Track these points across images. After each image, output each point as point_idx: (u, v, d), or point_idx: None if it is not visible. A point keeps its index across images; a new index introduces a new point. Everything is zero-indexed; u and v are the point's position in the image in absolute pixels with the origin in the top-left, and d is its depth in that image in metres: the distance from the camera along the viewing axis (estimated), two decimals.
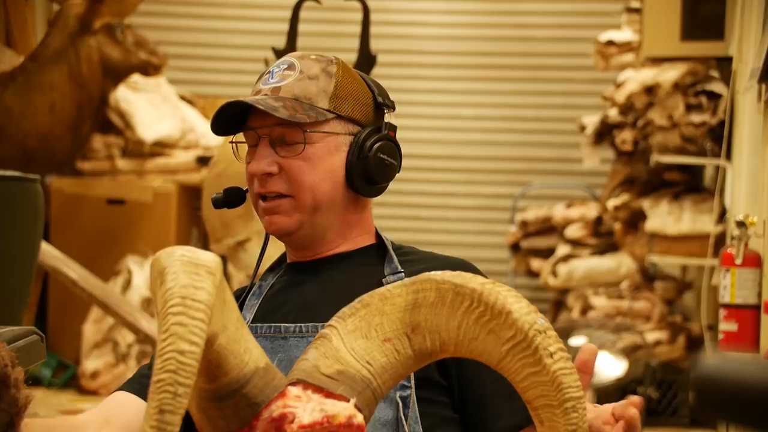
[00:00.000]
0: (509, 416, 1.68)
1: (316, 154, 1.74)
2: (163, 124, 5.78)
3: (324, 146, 1.75)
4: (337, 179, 1.76)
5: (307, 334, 1.71)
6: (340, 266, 1.80)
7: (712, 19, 4.88)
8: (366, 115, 1.79)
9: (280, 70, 1.77)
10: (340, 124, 1.76)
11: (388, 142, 1.79)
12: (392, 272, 1.77)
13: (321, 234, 1.78)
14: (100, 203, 5.73)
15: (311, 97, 1.74)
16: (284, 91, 1.74)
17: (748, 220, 3.70)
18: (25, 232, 3.33)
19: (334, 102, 1.75)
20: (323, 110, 1.74)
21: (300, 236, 1.77)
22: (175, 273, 1.18)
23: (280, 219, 1.75)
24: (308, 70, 1.76)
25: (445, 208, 6.89)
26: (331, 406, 1.25)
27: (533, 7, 6.92)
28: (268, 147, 1.74)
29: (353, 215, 1.81)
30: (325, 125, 1.74)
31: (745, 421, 0.89)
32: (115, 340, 5.39)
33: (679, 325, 5.31)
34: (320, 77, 1.76)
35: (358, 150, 1.76)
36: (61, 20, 5.19)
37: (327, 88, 1.75)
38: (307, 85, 1.75)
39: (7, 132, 5.13)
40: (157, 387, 1.10)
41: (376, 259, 1.80)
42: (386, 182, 1.81)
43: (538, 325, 1.27)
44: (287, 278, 1.82)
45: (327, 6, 5.17)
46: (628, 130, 5.31)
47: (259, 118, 1.74)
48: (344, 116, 1.76)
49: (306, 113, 1.72)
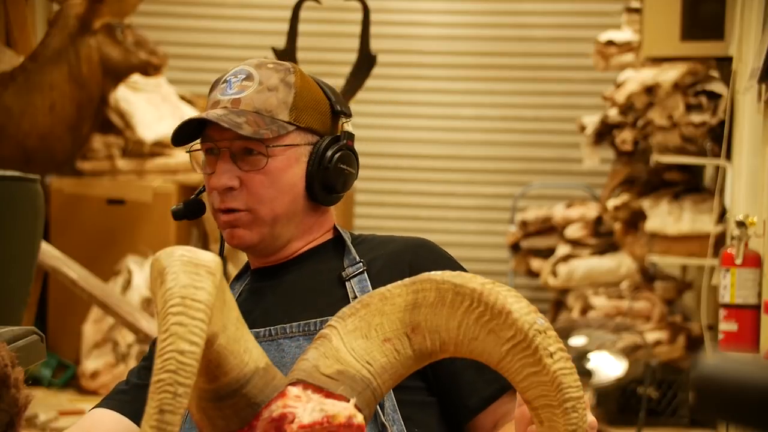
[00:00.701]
0: (482, 388, 1.69)
1: (278, 167, 1.74)
2: (163, 124, 5.78)
3: (285, 159, 1.75)
4: (297, 191, 1.77)
5: (276, 337, 1.72)
6: (301, 266, 1.81)
7: (712, 19, 4.88)
8: (324, 124, 1.79)
9: (238, 80, 1.76)
10: (300, 135, 1.76)
11: (346, 151, 1.80)
12: (351, 264, 1.78)
13: (283, 242, 1.80)
14: (100, 203, 5.73)
15: (272, 110, 1.74)
16: (244, 103, 1.73)
17: (748, 220, 3.70)
18: (25, 232, 3.33)
19: (294, 113, 1.75)
20: (284, 123, 1.74)
21: (262, 248, 1.79)
22: (175, 273, 1.18)
23: (241, 233, 1.76)
24: (267, 81, 1.75)
25: (445, 208, 6.89)
26: (331, 406, 1.25)
27: (533, 7, 6.92)
28: (229, 161, 1.74)
29: (315, 220, 1.82)
30: (286, 138, 1.74)
31: (745, 421, 0.89)
32: (115, 340, 5.39)
33: (679, 325, 5.31)
34: (279, 88, 1.75)
35: (318, 161, 1.76)
36: (61, 20, 5.19)
37: (286, 100, 1.75)
38: (267, 97, 1.74)
39: (7, 132, 5.13)
40: (157, 387, 1.10)
41: (335, 253, 1.82)
42: (345, 191, 1.82)
43: (538, 325, 1.28)
44: (252, 286, 1.83)
45: (327, 6, 5.17)
46: (628, 130, 5.31)
47: (219, 131, 1.73)
48: (304, 127, 1.76)
49: (268, 128, 1.72)
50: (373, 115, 6.75)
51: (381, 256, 1.79)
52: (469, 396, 1.70)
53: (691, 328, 5.29)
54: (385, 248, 1.81)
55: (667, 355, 5.22)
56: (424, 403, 1.71)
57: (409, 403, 1.68)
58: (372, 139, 6.80)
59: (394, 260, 1.77)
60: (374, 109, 6.74)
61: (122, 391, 1.78)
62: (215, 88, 1.78)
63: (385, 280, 1.75)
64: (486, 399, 1.69)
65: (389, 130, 6.90)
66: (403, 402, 1.67)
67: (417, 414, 1.69)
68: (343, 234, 1.84)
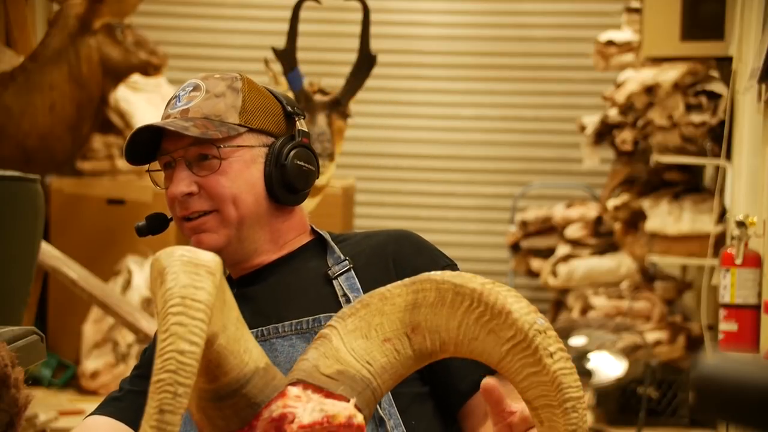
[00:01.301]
0: (473, 372, 1.69)
1: (233, 167, 1.75)
2: None
3: (239, 159, 1.76)
4: (257, 191, 1.77)
5: (269, 337, 1.73)
6: (283, 269, 1.81)
7: (712, 19, 4.88)
8: (278, 126, 1.81)
9: (186, 93, 1.79)
10: (253, 137, 1.78)
11: (302, 148, 1.81)
12: (336, 262, 1.79)
13: (251, 247, 1.80)
14: (100, 203, 5.73)
15: (220, 114, 1.76)
16: (193, 111, 1.76)
17: (748, 220, 3.70)
18: (25, 232, 3.33)
19: (244, 116, 1.76)
20: (234, 125, 1.75)
21: (230, 252, 1.78)
22: (175, 273, 1.18)
23: (207, 237, 1.77)
24: (214, 89, 1.78)
25: (445, 208, 6.89)
26: (331, 406, 1.25)
27: (533, 7, 6.92)
28: (185, 169, 1.75)
29: (282, 223, 1.82)
30: (238, 139, 1.76)
31: (745, 421, 0.89)
32: (115, 340, 5.39)
33: (679, 325, 5.31)
34: (227, 94, 1.77)
35: (274, 160, 1.77)
36: (61, 20, 5.19)
37: (235, 104, 1.77)
38: (215, 102, 1.76)
39: (7, 132, 5.13)
40: (157, 387, 1.10)
41: (317, 253, 1.82)
42: (307, 188, 1.82)
43: (538, 325, 1.28)
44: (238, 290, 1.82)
45: (327, 6, 5.17)
46: (628, 130, 5.31)
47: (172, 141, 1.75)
48: (256, 129, 1.78)
49: (217, 129, 1.74)
50: (373, 115, 6.75)
51: (364, 251, 1.80)
52: (460, 381, 1.72)
53: (691, 328, 5.29)
54: (367, 242, 1.82)
55: (667, 355, 5.21)
56: (419, 394, 1.72)
57: (405, 395, 1.69)
58: (372, 139, 6.80)
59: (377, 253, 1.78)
60: (374, 109, 6.74)
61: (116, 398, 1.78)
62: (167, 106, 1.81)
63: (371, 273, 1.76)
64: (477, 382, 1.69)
65: (389, 130, 6.90)
66: (399, 394, 1.68)
67: (412, 406, 1.70)
68: (323, 234, 1.84)
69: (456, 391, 1.72)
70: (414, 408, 1.70)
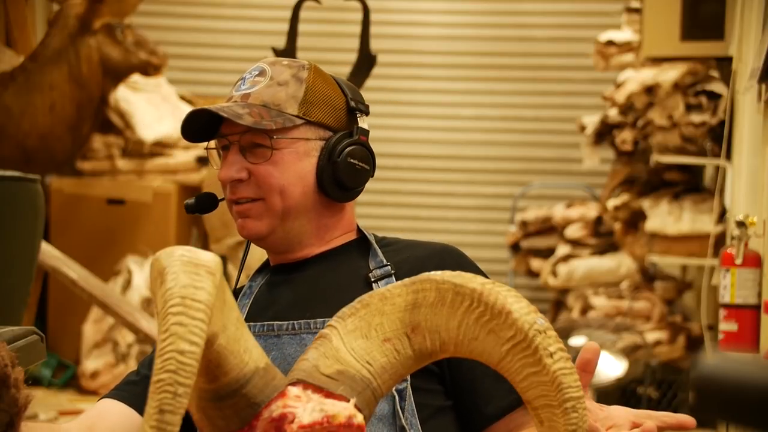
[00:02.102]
0: (500, 397, 1.69)
1: (284, 159, 1.75)
2: (163, 124, 5.78)
3: (292, 152, 1.76)
4: (307, 184, 1.77)
5: (300, 331, 1.72)
6: (323, 265, 1.81)
7: (712, 19, 4.88)
8: (338, 120, 1.80)
9: (251, 76, 1.79)
10: (310, 130, 1.77)
11: (359, 146, 1.80)
12: (378, 266, 1.78)
13: (296, 239, 1.80)
14: (100, 203, 5.73)
15: (279, 103, 1.75)
16: (253, 97, 1.76)
17: (748, 220, 3.70)
18: (25, 232, 3.33)
19: (303, 108, 1.76)
20: (292, 116, 1.75)
21: (273, 241, 1.79)
22: (175, 273, 1.18)
23: (251, 223, 1.77)
24: (278, 76, 1.78)
25: (445, 208, 6.89)
26: (331, 406, 1.25)
27: (533, 7, 6.92)
28: (238, 153, 1.76)
29: (330, 219, 1.82)
30: (294, 131, 1.76)
31: (745, 421, 0.89)
32: (115, 340, 5.39)
33: (679, 325, 5.31)
34: (290, 83, 1.77)
35: (327, 155, 1.77)
36: (61, 20, 5.19)
37: (296, 94, 1.76)
38: (276, 91, 1.76)
39: (7, 132, 5.13)
40: (157, 387, 1.10)
41: (359, 254, 1.82)
42: (358, 187, 1.82)
43: (538, 325, 1.28)
44: (274, 279, 1.83)
45: (327, 6, 5.17)
46: (628, 130, 5.31)
47: (229, 126, 1.76)
48: (314, 122, 1.77)
49: (273, 120, 1.73)
50: (373, 115, 6.67)
51: (408, 260, 1.79)
52: (486, 403, 1.71)
53: (691, 328, 5.29)
54: (411, 252, 1.80)
55: (667, 355, 5.21)
56: (441, 408, 1.71)
57: (427, 406, 1.69)
58: (372, 139, 6.77)
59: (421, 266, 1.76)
60: (374, 109, 6.65)
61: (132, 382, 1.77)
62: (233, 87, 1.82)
63: None
64: (503, 408, 1.70)
65: (389, 130, 6.90)
66: (422, 405, 1.68)
67: (434, 418, 1.70)
68: (368, 235, 1.84)
69: (480, 413, 1.71)
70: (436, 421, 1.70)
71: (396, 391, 1.66)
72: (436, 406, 1.70)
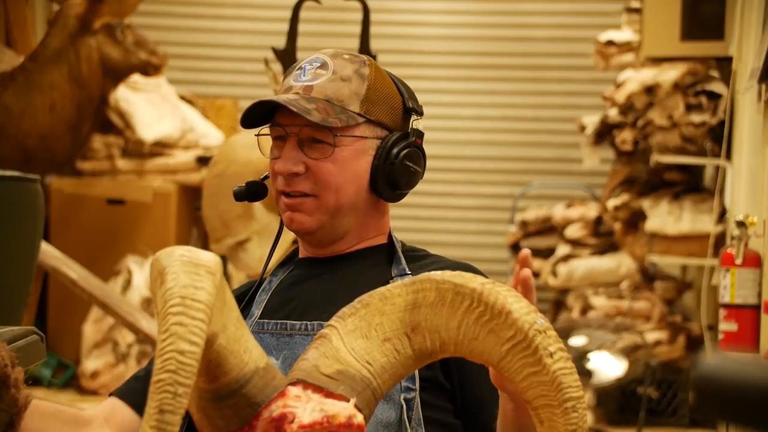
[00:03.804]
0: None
1: (344, 157, 1.73)
2: (163, 124, 5.78)
3: (352, 150, 1.74)
4: (361, 183, 1.76)
5: (312, 332, 1.71)
6: (349, 265, 1.80)
7: (712, 19, 4.88)
8: (394, 120, 1.79)
9: (312, 68, 1.76)
10: (369, 128, 1.76)
11: (414, 148, 1.79)
12: (400, 274, 1.77)
13: (341, 235, 1.78)
14: (100, 203, 5.73)
15: (343, 100, 1.73)
16: (316, 91, 1.73)
17: (748, 220, 3.69)
18: (25, 232, 3.33)
19: (365, 106, 1.74)
20: (354, 114, 1.73)
21: (320, 236, 1.77)
22: (175, 273, 1.18)
23: (302, 217, 1.75)
24: (341, 71, 1.75)
25: (445, 208, 6.89)
26: (331, 406, 1.25)
27: (533, 7, 6.92)
28: (296, 147, 1.73)
29: (373, 218, 1.81)
30: (355, 129, 1.74)
31: (745, 421, 0.89)
32: (115, 340, 5.38)
33: (679, 325, 5.31)
34: (353, 79, 1.75)
35: (385, 155, 1.75)
36: (61, 20, 5.19)
37: (359, 91, 1.74)
38: (340, 86, 1.74)
39: (7, 132, 5.13)
40: (157, 387, 1.10)
41: (386, 259, 1.80)
42: (409, 188, 1.81)
43: (538, 325, 1.28)
44: (296, 275, 1.82)
45: (327, 6, 5.17)
46: (628, 130, 5.31)
47: (288, 116, 1.72)
48: (373, 120, 1.75)
49: (338, 117, 1.71)
50: None
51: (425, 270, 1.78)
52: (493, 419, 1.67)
53: (691, 328, 5.29)
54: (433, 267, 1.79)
55: (667, 355, 5.21)
56: (447, 424, 1.70)
57: (433, 421, 1.68)
58: None
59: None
60: None
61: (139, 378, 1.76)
62: (289, 74, 1.78)
63: None
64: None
65: None
66: (429, 419, 1.67)
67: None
68: (395, 242, 1.82)
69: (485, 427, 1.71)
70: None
71: (404, 400, 1.65)
72: (441, 422, 1.69)
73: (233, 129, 6.16)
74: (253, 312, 1.78)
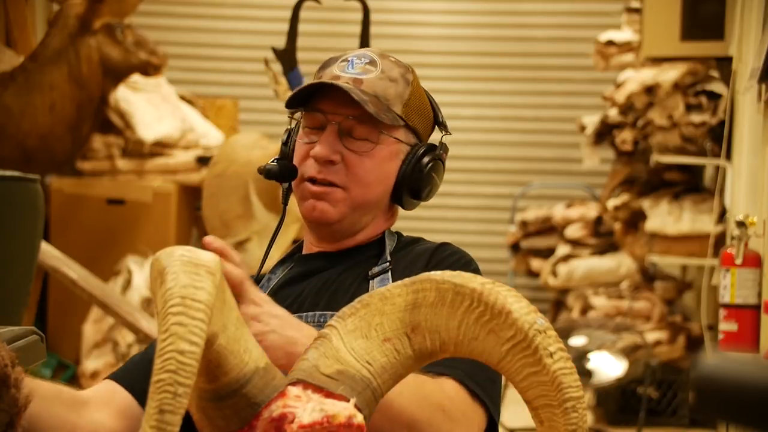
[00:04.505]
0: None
1: (382, 156, 1.74)
2: (163, 124, 5.78)
3: (389, 151, 1.75)
4: (388, 185, 1.77)
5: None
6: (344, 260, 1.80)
7: (712, 19, 4.88)
8: (426, 131, 1.81)
9: (361, 62, 1.77)
10: (406, 134, 1.77)
11: (440, 162, 1.80)
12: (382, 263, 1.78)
13: (356, 231, 1.79)
14: (100, 203, 5.72)
15: (389, 99, 1.74)
16: (366, 85, 1.73)
17: (748, 220, 3.70)
18: (25, 232, 3.33)
19: (406, 110, 1.75)
20: (397, 115, 1.74)
21: (337, 228, 1.77)
22: (175, 273, 1.18)
23: (326, 206, 1.74)
24: (389, 71, 1.76)
25: (445, 208, 6.89)
26: (331, 406, 1.25)
27: (533, 7, 6.92)
28: (336, 135, 1.73)
29: (383, 219, 1.82)
30: (397, 131, 1.75)
31: (745, 421, 0.89)
32: (115, 340, 5.39)
33: (679, 325, 5.31)
34: (399, 82, 1.76)
35: (414, 162, 1.76)
36: (61, 20, 5.19)
37: (403, 94, 1.75)
38: (388, 86, 1.75)
39: (7, 132, 5.12)
40: (157, 387, 1.10)
41: (377, 252, 1.81)
42: (425, 200, 1.82)
43: (538, 325, 1.28)
44: (294, 272, 1.82)
45: (327, 6, 5.17)
46: (628, 130, 5.31)
47: (332, 104, 1.72)
48: (411, 126, 1.77)
49: (385, 114, 1.72)
50: None
51: (406, 257, 1.79)
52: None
53: (691, 328, 5.29)
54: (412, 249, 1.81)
55: (667, 355, 5.21)
56: None
57: None
58: None
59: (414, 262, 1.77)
60: None
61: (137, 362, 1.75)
62: (331, 65, 1.78)
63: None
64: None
65: None
66: None
67: None
68: (387, 234, 1.83)
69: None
70: None
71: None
72: None
73: (233, 129, 6.17)
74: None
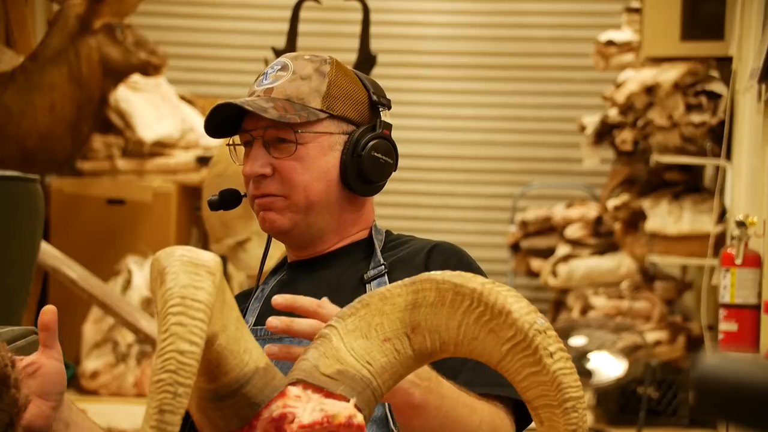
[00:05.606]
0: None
1: (309, 154, 1.75)
2: (163, 124, 5.78)
3: (317, 146, 1.75)
4: (331, 178, 1.77)
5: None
6: (332, 263, 1.81)
7: (712, 19, 4.88)
8: (361, 114, 1.80)
9: (273, 71, 1.79)
10: (334, 124, 1.77)
11: (383, 140, 1.80)
12: (375, 265, 1.78)
13: (318, 233, 1.79)
14: (100, 203, 5.73)
15: (303, 97, 1.75)
16: (276, 91, 1.75)
17: (748, 220, 3.70)
18: (25, 232, 3.33)
19: (326, 101, 1.76)
20: (315, 110, 1.75)
21: (295, 235, 1.79)
22: (175, 273, 1.17)
23: (274, 216, 1.76)
24: (301, 71, 1.77)
25: (445, 208, 6.89)
26: (331, 406, 1.25)
27: (533, 7, 6.92)
28: (262, 148, 1.75)
29: (351, 214, 1.82)
30: (318, 125, 1.75)
31: (745, 421, 0.89)
32: (115, 340, 5.39)
33: (679, 325, 5.31)
34: (313, 77, 1.77)
35: (351, 149, 1.76)
36: (61, 20, 5.19)
37: (319, 88, 1.76)
38: (299, 85, 1.76)
39: (7, 132, 5.12)
40: (157, 387, 1.10)
41: (366, 253, 1.81)
42: (382, 180, 1.81)
43: (538, 325, 1.27)
44: (284, 280, 1.83)
45: (327, 6, 5.18)
46: (628, 130, 5.31)
47: (252, 120, 1.75)
48: (338, 116, 1.77)
49: (297, 113, 1.73)
50: None
51: (402, 258, 1.79)
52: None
53: (691, 328, 5.29)
54: (406, 249, 1.81)
55: (667, 355, 5.21)
56: None
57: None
58: None
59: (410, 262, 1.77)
60: None
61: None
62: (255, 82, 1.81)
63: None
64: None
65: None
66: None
67: None
68: (375, 234, 1.83)
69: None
70: None
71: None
72: None
73: None
74: (247, 320, 1.80)
